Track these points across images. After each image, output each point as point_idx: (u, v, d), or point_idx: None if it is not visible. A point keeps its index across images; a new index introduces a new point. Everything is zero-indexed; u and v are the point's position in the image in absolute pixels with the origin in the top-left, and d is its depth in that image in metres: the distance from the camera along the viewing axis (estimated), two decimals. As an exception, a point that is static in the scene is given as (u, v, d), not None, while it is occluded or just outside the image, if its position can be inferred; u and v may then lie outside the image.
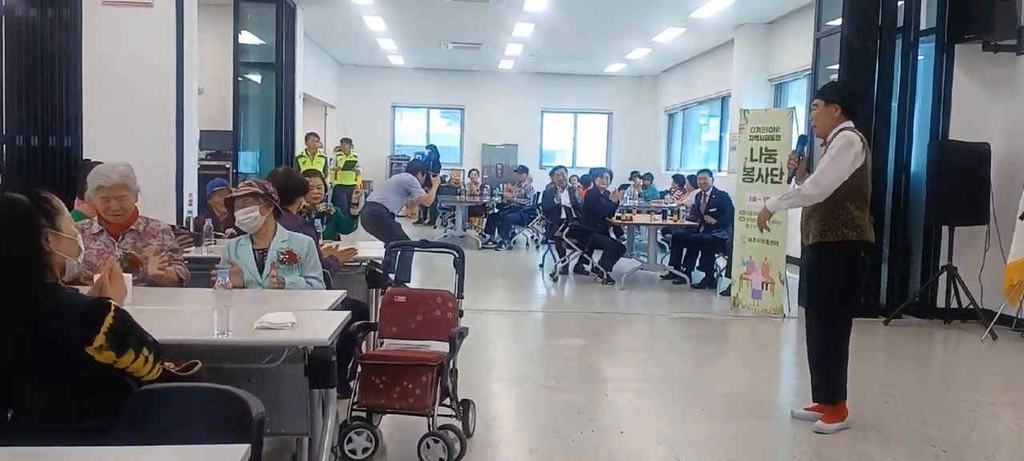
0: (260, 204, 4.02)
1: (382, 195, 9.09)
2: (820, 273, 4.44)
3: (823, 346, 4.47)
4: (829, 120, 4.39)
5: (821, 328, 4.48)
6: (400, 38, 16.28)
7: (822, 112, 4.41)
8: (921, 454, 4.18)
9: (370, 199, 9.16)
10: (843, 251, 4.32)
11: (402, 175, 9.71)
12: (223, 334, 2.85)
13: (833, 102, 4.39)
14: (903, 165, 7.91)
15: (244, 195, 4.04)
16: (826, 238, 4.31)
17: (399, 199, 9.15)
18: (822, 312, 4.46)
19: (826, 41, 8.52)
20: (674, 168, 18.51)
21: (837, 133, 4.33)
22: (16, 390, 2.27)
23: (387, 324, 4.13)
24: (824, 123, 4.40)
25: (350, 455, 3.77)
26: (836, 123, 4.37)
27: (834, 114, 4.38)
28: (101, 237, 3.86)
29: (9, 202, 2.21)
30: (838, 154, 4.23)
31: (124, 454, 1.95)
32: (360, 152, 18.24)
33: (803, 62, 10.95)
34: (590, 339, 6.80)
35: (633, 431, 4.50)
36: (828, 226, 4.30)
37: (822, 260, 4.40)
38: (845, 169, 4.23)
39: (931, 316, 7.70)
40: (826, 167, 4.24)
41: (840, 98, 4.43)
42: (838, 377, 4.47)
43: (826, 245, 4.33)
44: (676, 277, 9.75)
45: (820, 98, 4.46)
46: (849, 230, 4.29)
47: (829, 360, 4.46)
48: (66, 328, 2.16)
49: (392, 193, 9.12)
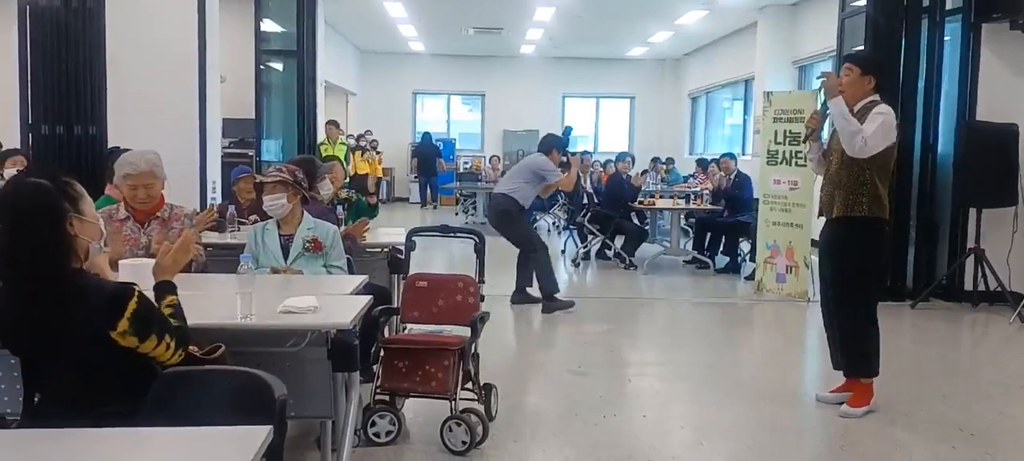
0: (288, 191, 4.09)
1: (509, 185, 7.35)
2: (847, 249, 4.35)
3: (856, 321, 4.40)
4: (861, 89, 4.30)
5: (852, 304, 4.40)
6: (420, 24, 16.28)
7: (856, 80, 4.30)
8: (949, 438, 4.13)
9: (496, 191, 7.69)
10: (868, 225, 4.28)
11: (532, 157, 7.58)
12: (247, 318, 2.88)
13: (869, 73, 4.30)
14: (930, 147, 7.80)
15: (273, 182, 4.08)
16: (852, 212, 4.25)
17: (532, 188, 7.29)
18: (851, 287, 4.39)
19: (851, 22, 8.39)
20: (697, 152, 18.40)
21: (870, 104, 4.25)
22: (42, 374, 2.31)
23: (409, 309, 4.15)
24: (855, 91, 4.29)
25: (373, 438, 3.79)
26: (867, 94, 4.29)
27: (867, 85, 4.30)
28: (128, 222, 3.91)
29: (34, 188, 2.23)
30: (884, 125, 4.15)
31: (148, 436, 1.96)
32: (381, 139, 18.36)
33: (827, 43, 10.82)
34: (612, 324, 6.78)
35: (656, 416, 4.49)
36: (854, 200, 4.24)
37: (848, 235, 4.32)
38: (884, 141, 4.18)
39: (958, 299, 7.60)
40: (876, 131, 4.13)
41: (877, 71, 4.35)
42: (872, 350, 4.42)
43: (851, 220, 4.27)
44: (699, 262, 9.69)
45: (856, 64, 4.34)
46: (874, 205, 4.24)
47: (863, 334, 4.40)
48: (91, 312, 2.18)
49: (523, 181, 7.27)
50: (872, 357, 4.43)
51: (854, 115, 4.24)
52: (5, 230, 2.21)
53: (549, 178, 7.28)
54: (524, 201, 7.25)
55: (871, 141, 4.13)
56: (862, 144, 4.13)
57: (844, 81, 4.33)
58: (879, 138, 4.15)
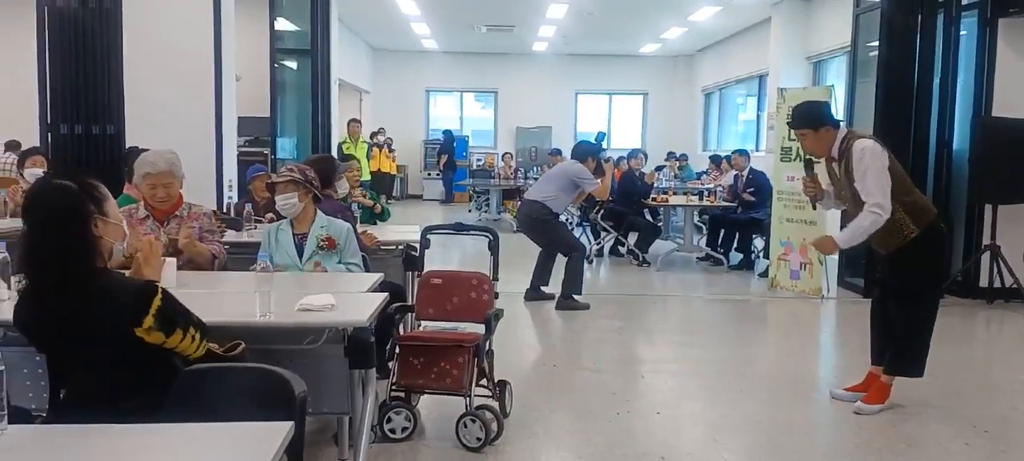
0: (299, 190, 4.12)
1: (543, 192, 7.22)
2: (912, 265, 4.32)
3: (915, 321, 4.37)
4: (826, 140, 4.33)
5: (914, 307, 4.38)
6: (433, 22, 16.31)
7: (815, 138, 4.34)
8: (963, 434, 4.13)
9: (526, 197, 7.57)
10: (923, 237, 4.24)
11: (568, 164, 7.50)
12: (265, 316, 2.91)
13: (822, 126, 4.33)
14: (945, 142, 7.75)
15: (284, 182, 4.13)
16: (903, 241, 4.23)
17: (566, 196, 7.24)
18: (916, 293, 4.38)
19: (866, 17, 8.36)
20: (711, 148, 18.33)
21: (845, 144, 4.26)
22: (67, 370, 2.36)
23: (424, 306, 4.18)
24: (822, 145, 4.35)
25: (389, 434, 3.83)
26: (834, 139, 4.32)
27: (829, 135, 4.33)
28: (147, 222, 3.97)
29: (60, 189, 2.28)
30: (871, 167, 4.14)
31: (172, 432, 2.00)
32: (393, 137, 18.43)
33: (842, 39, 10.76)
34: (626, 321, 6.80)
35: (670, 413, 4.50)
36: (899, 229, 4.21)
37: (910, 255, 4.28)
38: (885, 176, 4.16)
39: (974, 296, 7.56)
40: (872, 187, 4.13)
41: (827, 120, 4.38)
42: (924, 351, 4.40)
43: (907, 245, 4.24)
44: (713, 258, 9.68)
45: (806, 128, 4.36)
46: (916, 217, 4.22)
47: (920, 336, 4.39)
48: (116, 311, 2.23)
49: (557, 188, 7.17)
50: (923, 359, 4.41)
51: (837, 161, 4.30)
52: (32, 230, 2.25)
53: (585, 186, 7.22)
54: (558, 208, 7.22)
55: (883, 200, 4.11)
56: (878, 212, 4.12)
57: (805, 146, 4.43)
58: (881, 185, 4.13)
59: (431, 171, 19.98)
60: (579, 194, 7.43)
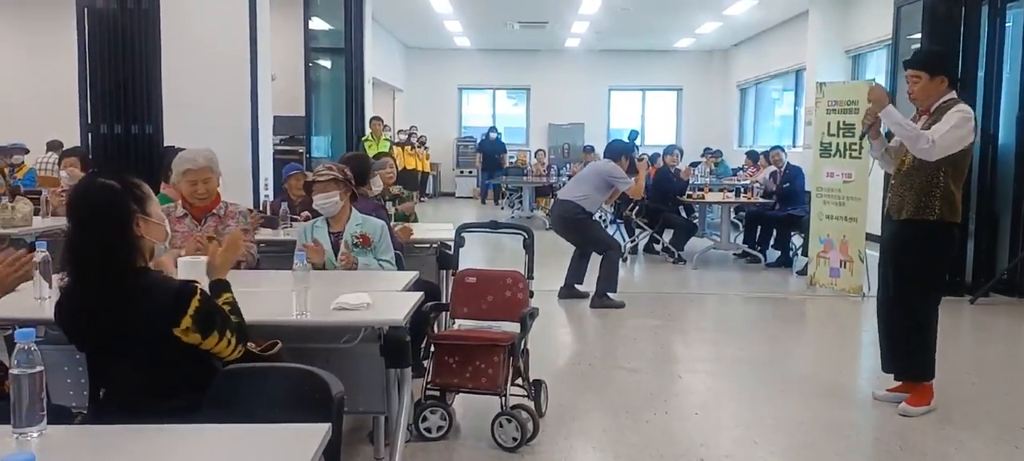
0: (339, 189, 4.13)
1: (577, 191, 7.16)
2: (913, 253, 4.22)
3: (915, 323, 4.29)
4: (934, 92, 4.15)
5: (913, 306, 4.28)
6: (466, 19, 16.32)
7: (927, 85, 4.14)
8: (1011, 437, 4.02)
9: (560, 196, 7.55)
10: (937, 230, 4.14)
11: (601, 163, 7.42)
12: (301, 315, 2.91)
13: (939, 75, 4.15)
14: (990, 137, 7.57)
15: (326, 180, 4.13)
16: (922, 215, 4.11)
17: (599, 195, 7.17)
18: (914, 291, 4.27)
19: (908, 8, 8.18)
20: (747, 144, 18.14)
21: (946, 103, 4.10)
22: (107, 369, 2.37)
23: (459, 305, 4.17)
24: (929, 95, 4.15)
25: (425, 433, 3.82)
26: (941, 95, 4.15)
27: (940, 87, 4.15)
28: (185, 220, 4.00)
29: (103, 188, 2.29)
30: (958, 126, 4.00)
31: (210, 432, 2.00)
32: (427, 134, 18.48)
33: (882, 32, 10.57)
34: (662, 319, 6.73)
35: (708, 413, 4.44)
36: (925, 203, 4.10)
37: (916, 240, 4.19)
38: (958, 143, 4.04)
39: (1020, 295, 7.38)
40: (946, 132, 3.98)
41: (945, 69, 4.21)
42: (929, 354, 4.30)
43: (920, 224, 4.13)
44: (750, 256, 9.54)
45: (923, 70, 4.16)
46: (945, 206, 4.10)
47: (921, 338, 4.29)
48: (155, 310, 2.24)
49: (591, 188, 7.10)
50: (928, 361, 4.31)
51: (929, 116, 4.12)
52: (74, 229, 2.27)
53: (619, 185, 7.18)
54: (592, 208, 7.16)
55: (941, 142, 3.97)
56: (928, 146, 3.98)
57: (915, 89, 4.19)
58: (950, 139, 3.99)
59: (464, 169, 19.98)
60: (613, 193, 7.42)
